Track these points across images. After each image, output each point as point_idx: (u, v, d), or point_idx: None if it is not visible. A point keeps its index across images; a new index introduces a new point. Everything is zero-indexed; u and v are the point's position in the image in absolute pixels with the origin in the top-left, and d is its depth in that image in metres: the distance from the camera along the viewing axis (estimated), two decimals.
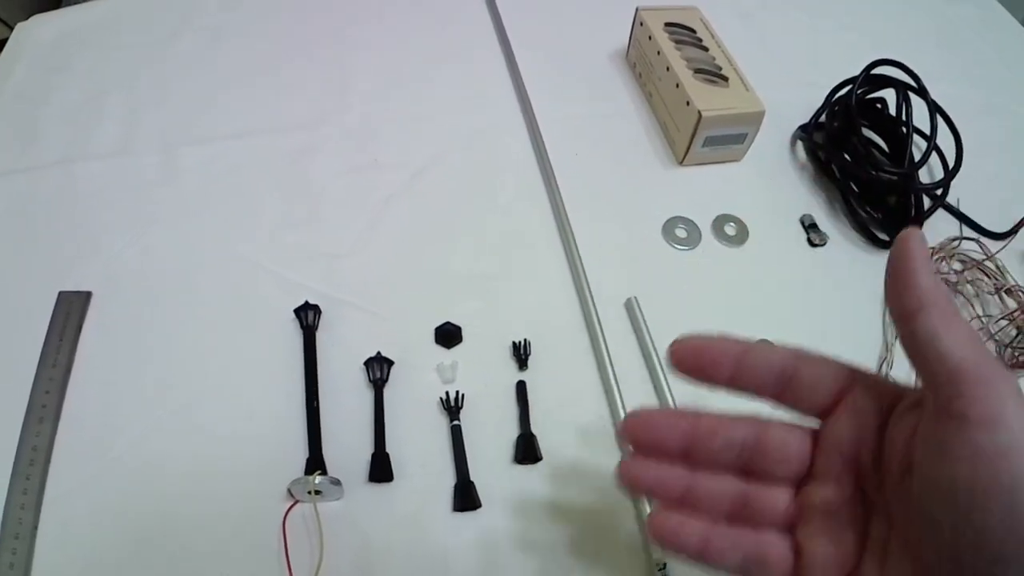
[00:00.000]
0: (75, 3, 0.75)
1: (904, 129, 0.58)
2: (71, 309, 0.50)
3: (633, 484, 0.29)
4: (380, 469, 0.43)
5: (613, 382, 0.48)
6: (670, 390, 0.47)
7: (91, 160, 0.60)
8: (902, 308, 0.22)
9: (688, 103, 0.58)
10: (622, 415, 0.46)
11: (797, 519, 0.27)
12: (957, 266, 0.56)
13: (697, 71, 0.60)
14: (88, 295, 0.51)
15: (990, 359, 0.21)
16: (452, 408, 0.46)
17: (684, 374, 0.28)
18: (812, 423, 0.28)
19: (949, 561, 0.21)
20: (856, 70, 0.62)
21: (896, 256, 0.23)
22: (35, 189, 0.57)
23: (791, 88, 0.66)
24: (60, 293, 0.50)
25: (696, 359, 0.28)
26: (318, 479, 0.41)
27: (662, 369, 0.48)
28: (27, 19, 0.72)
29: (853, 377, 0.26)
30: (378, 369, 0.47)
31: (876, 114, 0.63)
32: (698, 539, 0.27)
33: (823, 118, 0.64)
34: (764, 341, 0.30)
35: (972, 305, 0.54)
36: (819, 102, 0.65)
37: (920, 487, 0.22)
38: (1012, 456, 0.19)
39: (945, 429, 0.21)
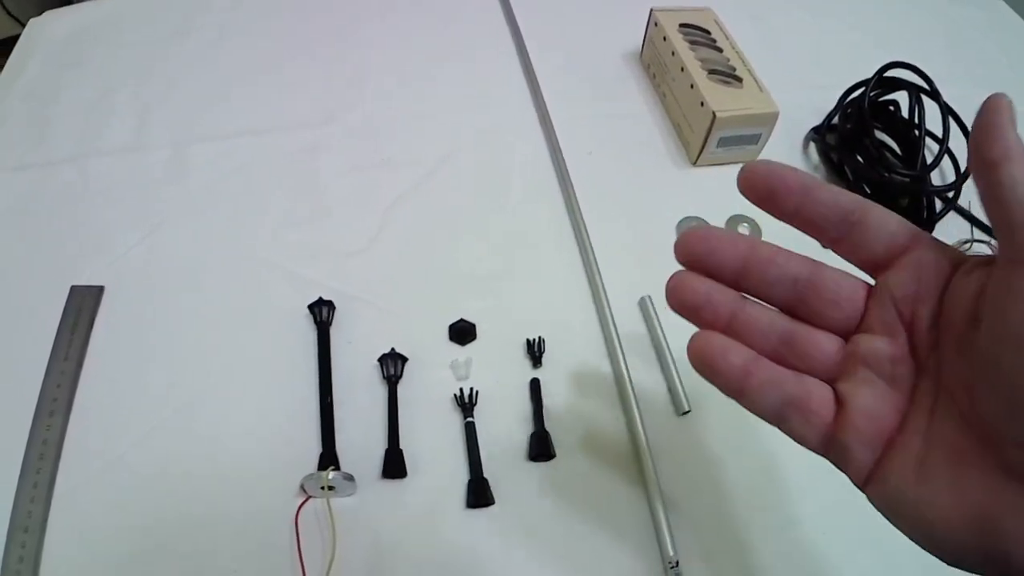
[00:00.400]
0: None
1: (916, 132, 0.58)
2: (83, 303, 0.50)
3: (682, 298, 0.28)
4: (394, 465, 0.43)
5: (627, 380, 0.48)
6: (684, 389, 0.47)
7: (102, 156, 0.60)
8: (987, 158, 0.22)
9: (702, 104, 0.58)
10: (636, 413, 0.46)
11: (842, 370, 0.26)
12: None
13: (711, 72, 0.60)
14: (100, 289, 0.51)
15: None
16: (466, 405, 0.46)
17: (752, 197, 0.27)
18: (868, 280, 0.27)
19: (1007, 413, 0.21)
20: (868, 72, 0.62)
21: (985, 112, 0.22)
22: (48, 184, 0.57)
23: (804, 90, 0.66)
24: (72, 287, 0.50)
25: (767, 183, 0.26)
26: (331, 475, 0.41)
27: (675, 367, 0.48)
28: (39, 15, 0.72)
29: (915, 236, 0.25)
30: (392, 365, 0.47)
31: (889, 116, 0.63)
32: (741, 367, 0.26)
33: (836, 120, 0.64)
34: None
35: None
36: (831, 104, 0.65)
37: (988, 335, 0.21)
38: None
39: (1019, 273, 0.20)
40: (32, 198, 0.56)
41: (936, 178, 0.61)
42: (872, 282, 0.26)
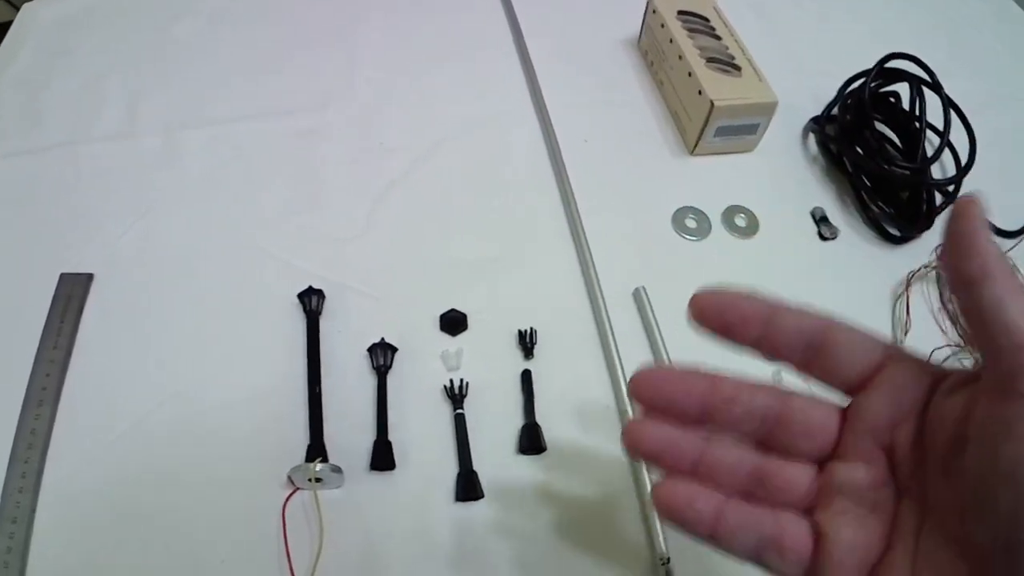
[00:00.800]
0: None
1: (917, 124, 0.58)
2: (72, 291, 0.49)
3: (638, 448, 0.26)
4: (382, 457, 0.42)
5: (620, 372, 0.47)
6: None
7: (94, 143, 0.59)
8: (964, 274, 0.21)
9: (700, 92, 0.57)
10: (628, 406, 0.46)
11: (818, 501, 0.25)
12: None
13: (710, 60, 0.59)
14: (90, 277, 0.50)
15: None
16: (456, 396, 0.45)
17: (706, 330, 0.26)
18: (838, 399, 0.25)
19: (1004, 547, 0.20)
20: (868, 63, 0.61)
21: (956, 219, 0.21)
22: (38, 171, 0.57)
23: (803, 79, 0.66)
24: (62, 275, 0.50)
25: (720, 314, 0.25)
26: (319, 466, 0.40)
27: (669, 359, 0.48)
28: (32, 0, 0.72)
29: (889, 353, 0.24)
30: (382, 356, 0.46)
31: (889, 108, 0.62)
32: (710, 514, 0.25)
33: (836, 111, 0.63)
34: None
35: None
36: (831, 94, 0.64)
37: (977, 467, 0.20)
38: None
39: (1010, 405, 0.19)
40: (22, 185, 0.56)
41: (936, 171, 0.60)
42: (845, 404, 0.25)
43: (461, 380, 0.46)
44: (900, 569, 0.23)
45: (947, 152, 0.59)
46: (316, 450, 0.42)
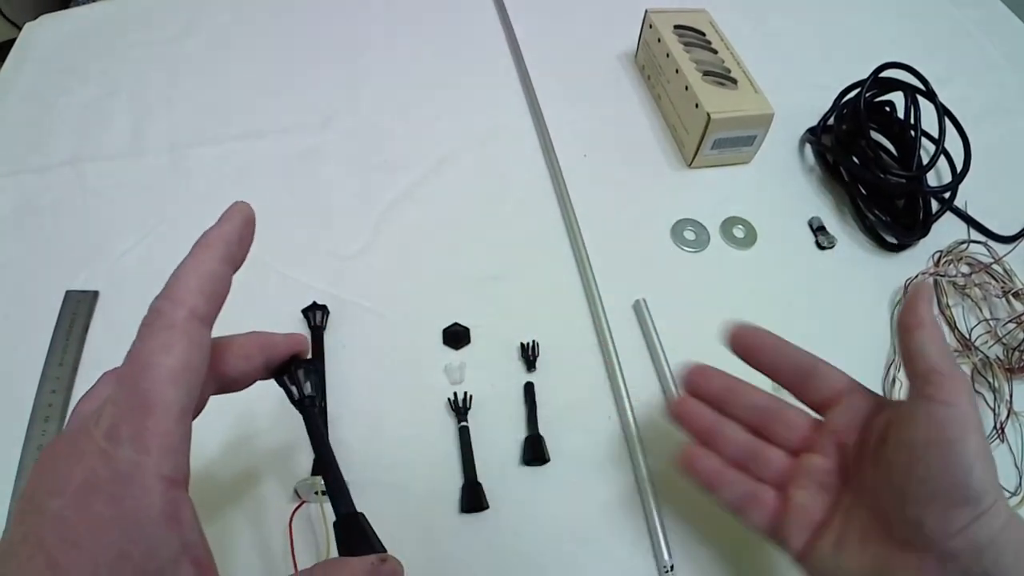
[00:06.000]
0: (84, 3, 0.75)
1: (912, 132, 0.58)
2: (78, 308, 0.50)
3: (680, 413, 0.38)
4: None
5: (621, 383, 0.48)
6: (678, 391, 0.47)
7: (99, 160, 0.60)
8: (905, 324, 0.32)
9: (697, 105, 0.58)
10: (630, 417, 0.46)
11: (789, 478, 0.35)
12: (965, 269, 0.55)
13: (706, 73, 0.60)
14: (95, 294, 0.51)
15: (957, 366, 0.30)
16: (460, 409, 0.46)
17: (738, 353, 0.37)
18: (814, 416, 0.36)
19: (899, 496, 0.30)
20: (864, 73, 0.62)
21: (912, 294, 0.33)
22: (44, 189, 0.58)
23: (799, 91, 0.66)
24: (67, 292, 0.50)
25: (745, 346, 0.37)
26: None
27: (670, 370, 0.48)
28: (35, 19, 0.72)
29: (852, 386, 0.35)
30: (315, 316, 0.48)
31: (884, 117, 0.63)
32: (713, 471, 0.36)
33: (831, 121, 0.64)
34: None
35: (980, 308, 0.54)
36: (827, 105, 0.65)
37: (890, 447, 0.31)
38: (956, 423, 0.29)
39: (916, 405, 0.30)
40: (29, 203, 0.57)
41: (932, 179, 0.61)
42: (819, 418, 0.36)
43: (465, 393, 0.46)
44: (834, 526, 0.33)
45: (942, 159, 0.59)
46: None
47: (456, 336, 0.49)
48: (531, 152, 0.62)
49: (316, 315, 0.49)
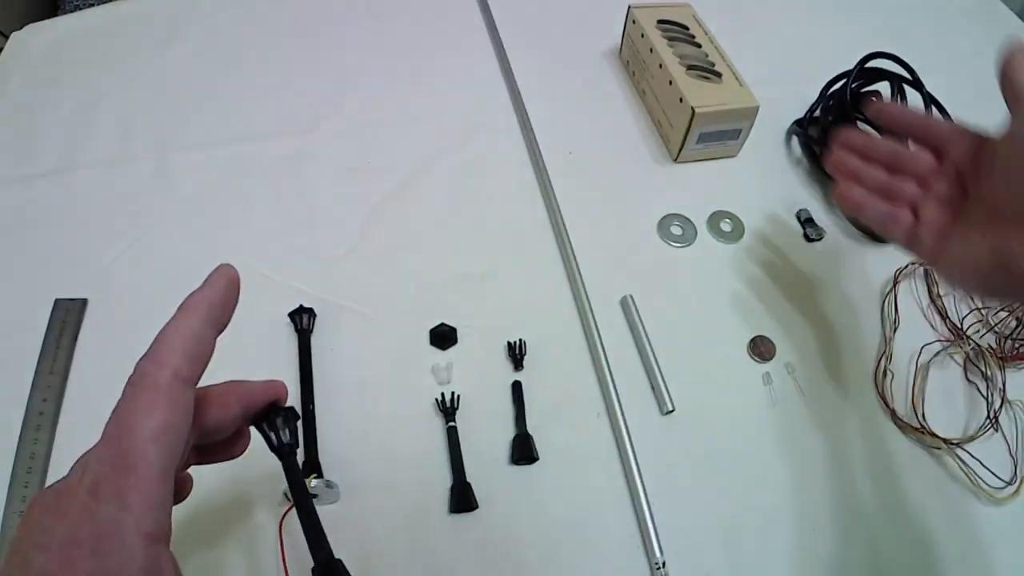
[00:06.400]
0: (71, 11, 0.75)
1: None
2: (67, 316, 0.50)
3: (834, 162, 0.45)
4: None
5: (609, 380, 0.48)
6: (667, 388, 0.47)
7: (86, 168, 0.60)
8: (1011, 76, 0.37)
9: (681, 100, 0.57)
10: (619, 414, 0.46)
11: (920, 201, 0.41)
12: None
13: (690, 68, 0.60)
14: (84, 302, 0.51)
15: None
16: (448, 409, 0.46)
17: (883, 124, 0.45)
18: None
19: (1014, 189, 0.35)
20: (850, 63, 0.61)
21: (1006, 50, 0.38)
22: (31, 198, 0.58)
23: (785, 83, 0.66)
24: (56, 300, 0.51)
25: (893, 119, 0.44)
26: (314, 482, 0.41)
27: (658, 367, 0.48)
28: (21, 28, 0.72)
29: (962, 128, 0.41)
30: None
31: None
32: (861, 198, 0.43)
33: (818, 112, 0.64)
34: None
35: (971, 298, 0.54)
36: (813, 96, 0.65)
37: (1002, 154, 0.37)
38: None
39: (1019, 125, 0.36)
40: (16, 212, 0.57)
41: None
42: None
43: (452, 393, 0.46)
44: (958, 232, 0.38)
45: None
46: (311, 466, 0.42)
47: (443, 336, 0.49)
48: (516, 150, 0.63)
49: (303, 318, 0.49)
